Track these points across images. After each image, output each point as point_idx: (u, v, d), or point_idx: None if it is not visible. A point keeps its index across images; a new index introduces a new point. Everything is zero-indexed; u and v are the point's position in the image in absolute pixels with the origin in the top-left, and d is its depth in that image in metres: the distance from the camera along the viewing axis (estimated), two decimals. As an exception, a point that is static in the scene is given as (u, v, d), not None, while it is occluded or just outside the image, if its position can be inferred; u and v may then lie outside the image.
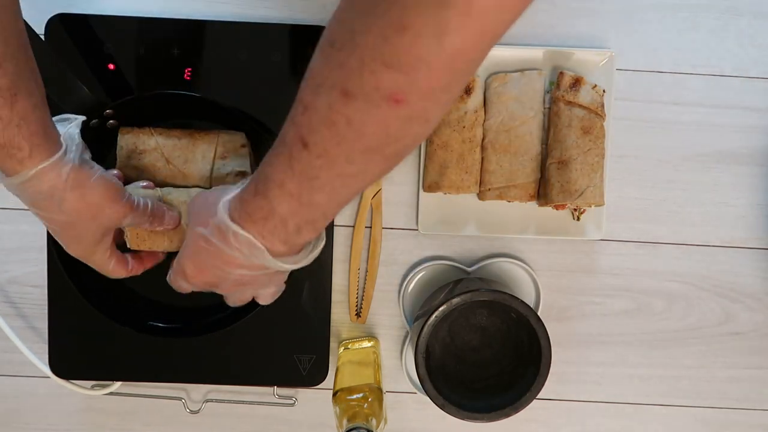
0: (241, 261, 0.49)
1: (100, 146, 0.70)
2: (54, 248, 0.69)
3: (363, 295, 0.75)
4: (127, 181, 0.69)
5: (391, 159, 0.42)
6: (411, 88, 0.36)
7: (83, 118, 0.57)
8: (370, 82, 0.36)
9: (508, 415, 0.65)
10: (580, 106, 0.69)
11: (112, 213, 0.55)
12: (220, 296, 0.61)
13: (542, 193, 0.71)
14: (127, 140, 0.67)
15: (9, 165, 0.49)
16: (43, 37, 0.70)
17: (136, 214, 0.57)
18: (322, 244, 0.53)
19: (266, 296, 0.59)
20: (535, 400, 0.65)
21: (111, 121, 0.67)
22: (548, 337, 0.65)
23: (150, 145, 0.67)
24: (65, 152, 0.51)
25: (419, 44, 0.34)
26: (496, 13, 0.33)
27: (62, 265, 0.66)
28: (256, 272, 0.50)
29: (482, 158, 0.71)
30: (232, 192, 0.50)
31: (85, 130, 0.65)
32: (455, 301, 0.64)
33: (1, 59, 0.44)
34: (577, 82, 0.69)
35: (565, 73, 0.70)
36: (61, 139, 0.52)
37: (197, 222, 0.52)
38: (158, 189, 0.68)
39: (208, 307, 0.71)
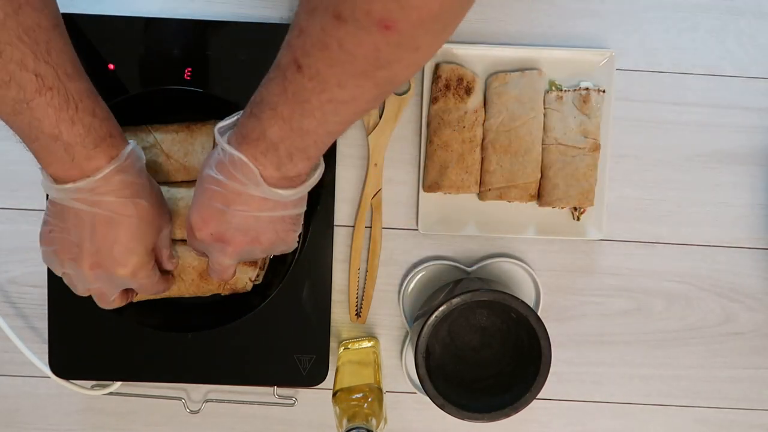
0: (239, 191, 0.49)
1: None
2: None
3: (363, 295, 0.75)
4: None
5: (383, 86, 0.43)
6: (401, 15, 0.36)
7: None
8: (362, 7, 0.37)
9: (508, 415, 0.65)
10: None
11: (163, 220, 0.56)
12: (219, 294, 0.61)
13: (542, 193, 0.71)
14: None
15: (86, 160, 0.47)
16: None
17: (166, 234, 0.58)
18: (320, 171, 0.53)
19: (275, 251, 0.58)
20: (535, 400, 0.65)
21: None
22: (548, 337, 0.65)
23: (149, 141, 0.67)
24: (132, 149, 0.51)
25: None
26: None
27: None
28: (259, 212, 0.51)
29: (482, 158, 0.71)
30: (229, 120, 0.51)
31: None
32: (455, 301, 0.64)
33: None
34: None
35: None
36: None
37: (202, 168, 0.53)
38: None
39: (209, 304, 0.72)
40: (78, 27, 0.70)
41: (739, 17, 0.74)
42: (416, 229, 0.74)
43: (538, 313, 0.69)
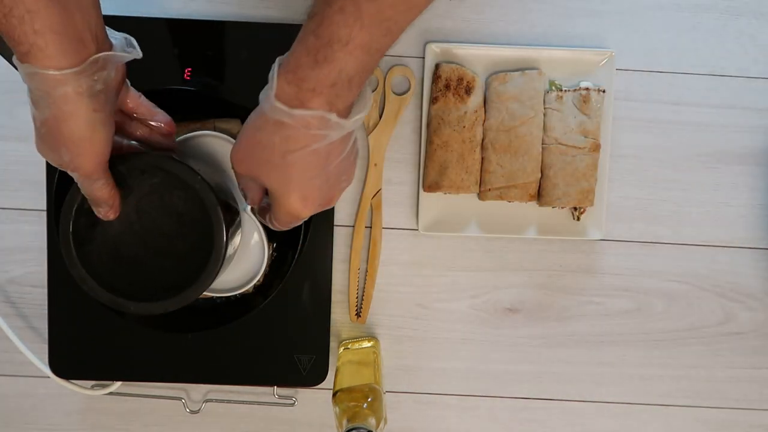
0: (327, 145, 0.46)
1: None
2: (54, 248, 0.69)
3: (363, 295, 0.75)
4: None
5: None
6: None
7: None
8: None
9: (149, 312, 0.57)
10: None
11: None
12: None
13: (542, 193, 0.71)
14: None
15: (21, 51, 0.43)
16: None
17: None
18: (370, 90, 0.49)
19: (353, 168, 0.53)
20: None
21: None
22: (220, 217, 0.55)
23: None
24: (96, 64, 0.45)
25: None
26: None
27: (63, 264, 0.66)
28: (341, 154, 0.48)
29: (482, 158, 0.71)
30: (271, 91, 0.45)
31: None
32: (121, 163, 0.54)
33: None
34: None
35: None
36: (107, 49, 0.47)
37: (262, 156, 0.48)
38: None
39: (209, 304, 0.72)
40: (78, 27, 0.70)
41: (739, 17, 0.74)
42: (416, 229, 0.74)
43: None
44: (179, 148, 0.61)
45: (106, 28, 0.48)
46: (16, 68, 0.45)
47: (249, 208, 0.64)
